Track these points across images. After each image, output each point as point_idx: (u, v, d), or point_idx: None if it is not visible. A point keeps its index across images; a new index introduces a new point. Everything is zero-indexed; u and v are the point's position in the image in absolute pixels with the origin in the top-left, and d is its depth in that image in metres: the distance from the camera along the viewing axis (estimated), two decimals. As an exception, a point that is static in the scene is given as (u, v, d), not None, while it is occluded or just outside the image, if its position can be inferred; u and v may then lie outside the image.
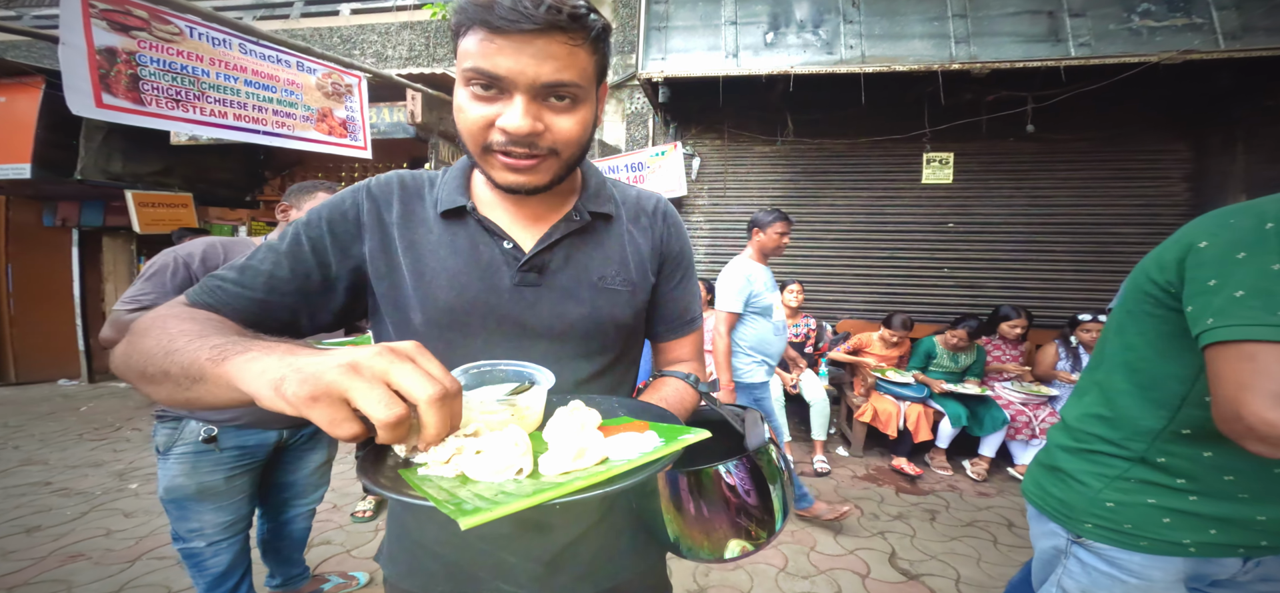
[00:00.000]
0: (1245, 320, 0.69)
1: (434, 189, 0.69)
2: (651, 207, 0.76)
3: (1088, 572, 0.92)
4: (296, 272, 0.63)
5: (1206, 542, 0.82)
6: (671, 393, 0.73)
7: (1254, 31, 2.48)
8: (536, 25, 0.51)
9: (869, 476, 3.34)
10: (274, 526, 1.78)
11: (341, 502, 2.84)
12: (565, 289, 0.66)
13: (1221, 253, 0.74)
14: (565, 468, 0.46)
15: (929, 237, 3.94)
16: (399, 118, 4.41)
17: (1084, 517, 0.91)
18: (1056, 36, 2.78)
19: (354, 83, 3.48)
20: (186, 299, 0.60)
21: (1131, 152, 3.53)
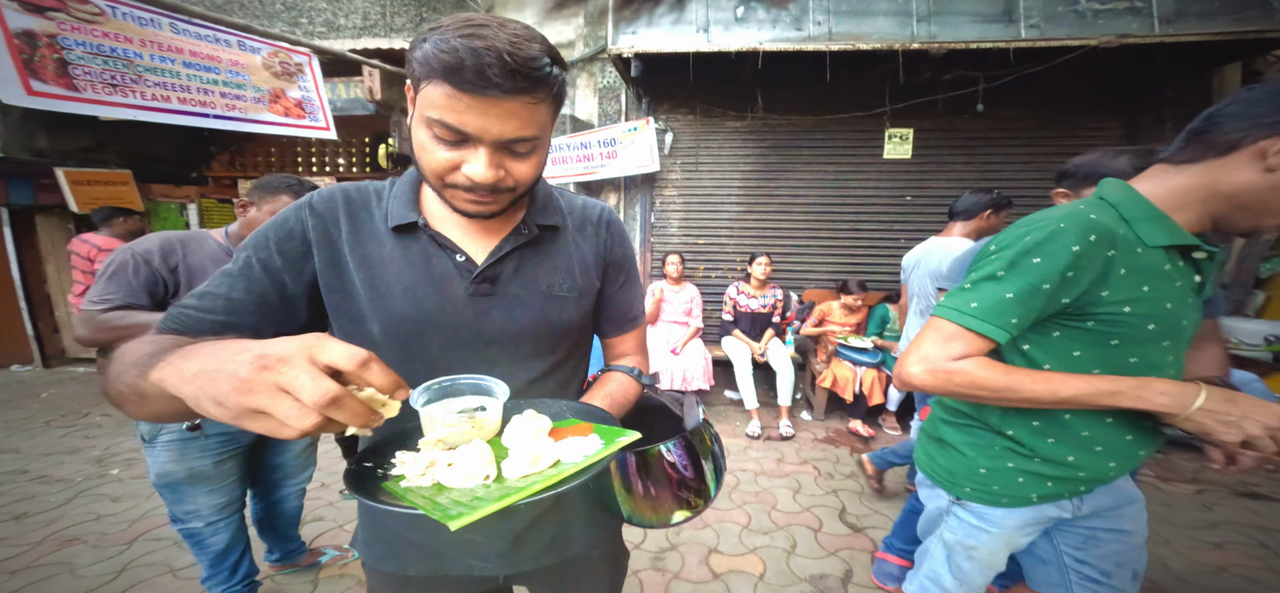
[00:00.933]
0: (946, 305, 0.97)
1: (382, 203, 0.71)
2: (597, 216, 0.82)
3: (963, 526, 1.12)
4: (252, 292, 0.65)
5: (1045, 493, 1.02)
6: (616, 387, 0.80)
7: (1187, 16, 2.67)
8: (502, 93, 0.54)
9: (828, 438, 3.58)
10: (267, 505, 1.84)
11: (330, 481, 2.89)
12: (516, 297, 0.71)
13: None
14: (525, 472, 0.53)
15: (889, 209, 4.12)
16: (357, 93, 4.22)
17: (964, 482, 1.10)
18: (1009, 17, 2.91)
19: (303, 61, 3.30)
20: (157, 328, 0.62)
21: (1072, 129, 3.77)
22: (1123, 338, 0.88)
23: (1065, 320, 0.91)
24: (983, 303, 0.91)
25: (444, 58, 0.53)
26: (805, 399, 4.20)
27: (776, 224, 4.32)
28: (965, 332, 0.92)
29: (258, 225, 1.47)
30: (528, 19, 4.35)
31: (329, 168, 5.16)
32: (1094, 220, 0.85)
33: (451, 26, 0.54)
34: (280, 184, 1.54)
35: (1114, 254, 0.85)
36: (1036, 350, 0.96)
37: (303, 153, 5.18)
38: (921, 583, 1.25)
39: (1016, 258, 0.89)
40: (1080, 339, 0.91)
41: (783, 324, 3.98)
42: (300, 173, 5.18)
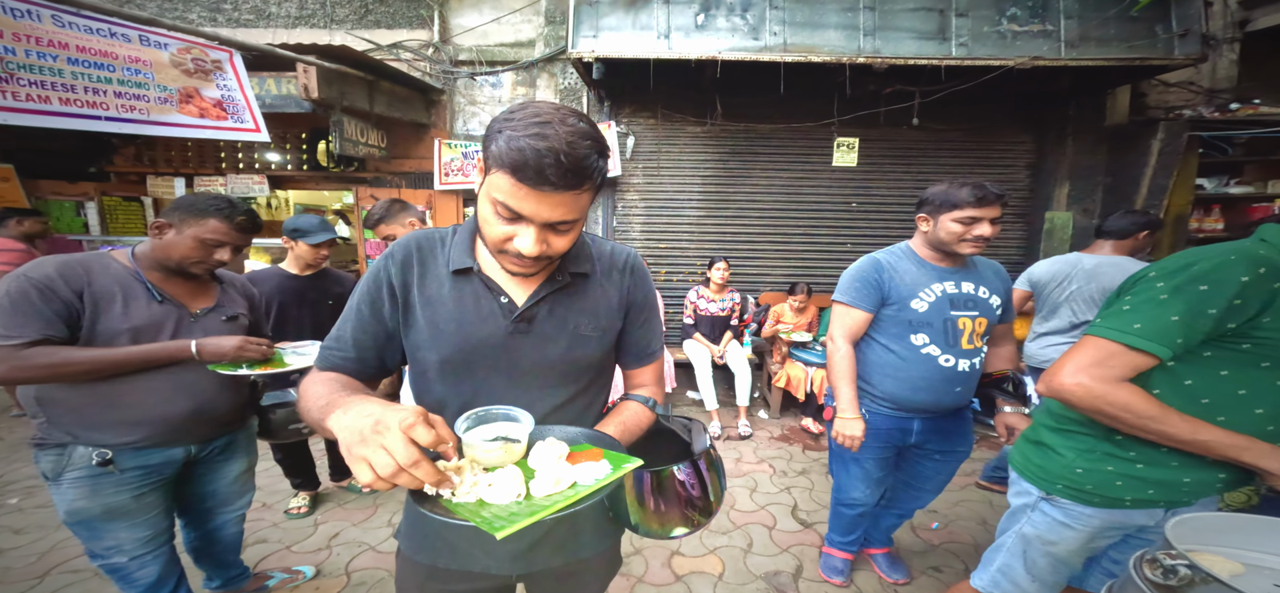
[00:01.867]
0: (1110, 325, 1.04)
1: (445, 249, 0.85)
2: (622, 262, 0.93)
3: (1047, 520, 1.18)
4: (366, 333, 0.83)
5: (1143, 498, 1.08)
6: (630, 416, 0.90)
7: (1088, 42, 3.06)
8: (555, 189, 0.65)
9: (783, 436, 3.71)
10: (201, 534, 1.68)
11: (271, 500, 2.64)
12: (548, 336, 0.84)
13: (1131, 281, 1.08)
14: (548, 491, 0.65)
15: (837, 214, 4.37)
16: (290, 90, 3.91)
17: (1057, 479, 1.16)
18: (943, 36, 3.19)
19: (223, 57, 3.04)
20: (318, 366, 0.84)
21: (991, 142, 4.18)
22: (1274, 361, 0.95)
23: (1223, 342, 0.97)
24: (1147, 324, 0.97)
25: (512, 155, 0.64)
26: (762, 398, 4.32)
27: (734, 229, 4.44)
28: (1126, 350, 0.99)
29: (176, 249, 1.36)
30: (485, 15, 4.25)
31: (258, 165, 4.74)
32: (1263, 255, 0.93)
33: (521, 123, 0.65)
34: (208, 208, 1.37)
35: (1279, 286, 0.92)
36: (1183, 367, 1.01)
37: (226, 150, 4.72)
38: (993, 576, 1.31)
39: (1184, 284, 0.95)
40: (1231, 360, 0.98)
41: (741, 327, 4.09)
42: (226, 170, 4.72)
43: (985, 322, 1.68)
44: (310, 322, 2.22)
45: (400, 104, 4.23)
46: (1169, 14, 2.95)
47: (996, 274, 1.76)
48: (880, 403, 1.78)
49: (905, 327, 1.68)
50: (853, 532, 2.10)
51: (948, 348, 1.65)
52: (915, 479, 1.96)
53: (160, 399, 1.35)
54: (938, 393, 1.68)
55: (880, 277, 1.70)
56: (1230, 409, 0.99)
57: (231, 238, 1.40)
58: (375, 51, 4.19)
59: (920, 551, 2.37)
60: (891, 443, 1.83)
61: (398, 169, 4.56)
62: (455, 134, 4.46)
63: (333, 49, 3.67)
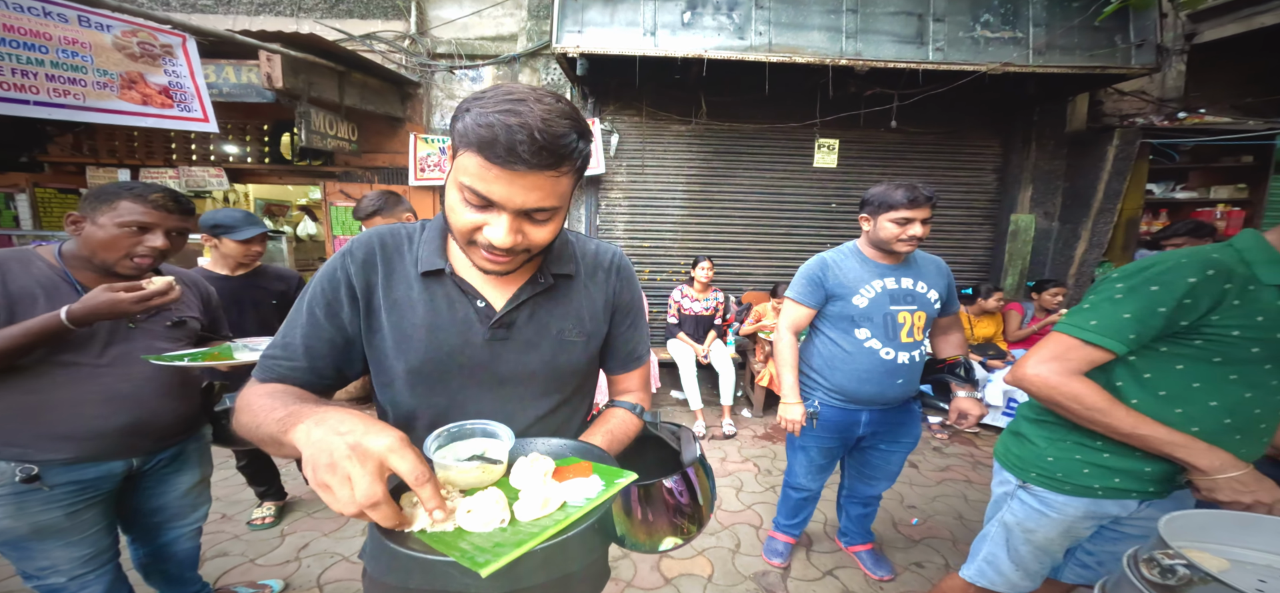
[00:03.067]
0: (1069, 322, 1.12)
1: (413, 247, 0.77)
2: (608, 262, 0.87)
3: (1025, 508, 1.24)
4: (322, 339, 0.73)
5: (1111, 487, 1.13)
6: (617, 424, 0.85)
7: (1054, 50, 3.22)
8: (528, 168, 0.59)
9: (767, 434, 3.73)
10: (151, 551, 1.53)
11: (232, 511, 2.44)
12: (529, 342, 0.77)
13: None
14: (536, 515, 0.59)
15: (817, 215, 4.44)
16: (251, 78, 3.70)
17: (1031, 468, 1.22)
18: (920, 40, 3.30)
19: (175, 42, 2.87)
20: (258, 378, 0.72)
21: (962, 145, 4.35)
22: (1225, 357, 1.01)
23: (1177, 339, 1.04)
24: (1102, 321, 1.05)
25: (480, 132, 0.57)
26: (745, 397, 4.33)
27: (718, 228, 4.45)
28: (1083, 345, 1.07)
29: (97, 242, 1.23)
30: (465, 8, 4.14)
31: (214, 158, 4.45)
32: (1214, 257, 1.00)
33: (492, 99, 0.59)
34: (117, 190, 1.25)
35: (1229, 286, 0.98)
36: (1142, 361, 1.08)
37: (178, 141, 4.41)
38: (979, 567, 1.36)
39: (1138, 284, 1.03)
40: (1185, 356, 1.04)
41: (724, 326, 4.10)
42: (177, 162, 4.40)
43: (924, 316, 1.78)
44: (254, 325, 2.05)
45: (373, 96, 4.06)
46: (1127, 25, 3.14)
47: (938, 270, 1.86)
48: (831, 395, 1.87)
49: (849, 322, 1.77)
50: (797, 516, 2.21)
51: (888, 342, 1.74)
52: (867, 469, 2.05)
53: (92, 412, 1.23)
54: (881, 385, 1.77)
55: (824, 275, 1.81)
56: (1187, 402, 1.05)
57: (154, 218, 1.26)
58: (347, 42, 4.01)
59: (903, 547, 2.41)
60: (840, 435, 1.92)
61: (370, 164, 4.37)
62: (432, 128, 4.31)
63: (300, 37, 3.49)
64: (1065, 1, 3.17)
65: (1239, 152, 3.86)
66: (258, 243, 2.12)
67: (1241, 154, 3.91)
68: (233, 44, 3.36)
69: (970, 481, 3.12)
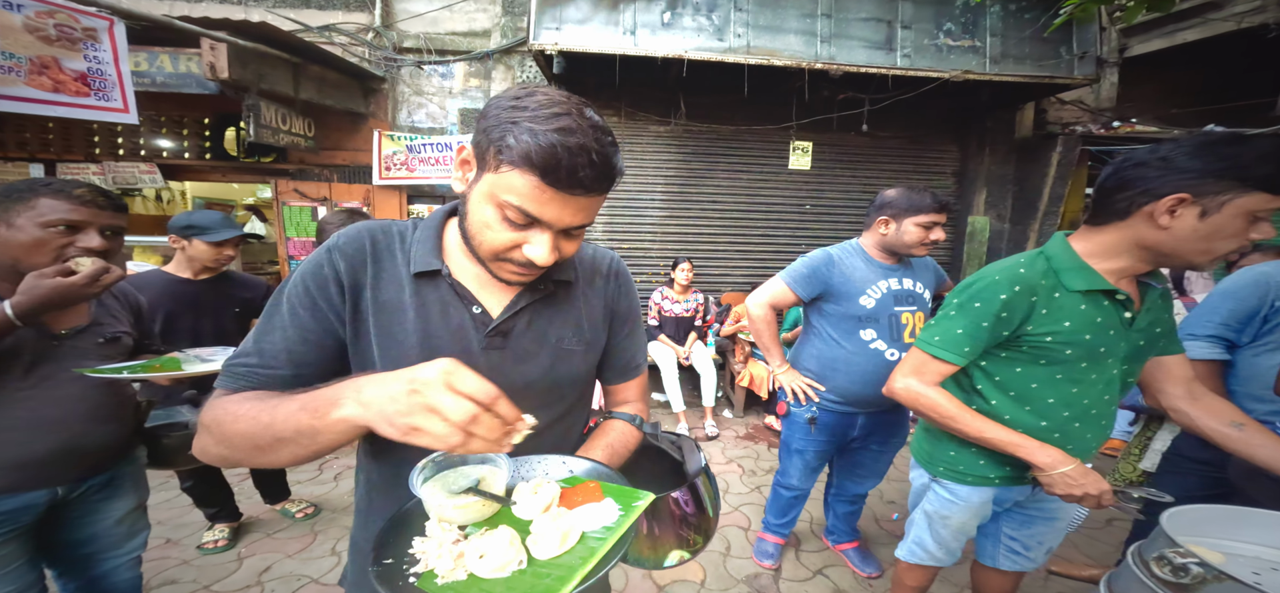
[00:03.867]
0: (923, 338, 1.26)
1: (405, 245, 0.72)
2: (605, 267, 0.84)
3: (939, 499, 1.37)
4: (308, 341, 0.66)
5: (1006, 476, 1.26)
6: (617, 437, 0.82)
7: (1007, 59, 3.44)
8: (586, 192, 0.58)
9: (748, 435, 3.73)
10: (82, 584, 1.37)
11: (177, 535, 2.21)
12: (527, 352, 0.73)
13: None
14: (554, 552, 0.54)
15: (792, 216, 4.54)
16: (191, 67, 3.41)
17: (938, 463, 1.34)
18: (890, 46, 3.45)
19: (100, 26, 2.66)
20: (227, 388, 0.63)
21: (924, 149, 4.58)
22: (1048, 359, 1.13)
23: (1007, 345, 1.18)
24: (942, 336, 1.20)
25: (542, 154, 0.55)
26: (726, 398, 4.32)
27: (697, 229, 4.46)
28: (931, 359, 1.22)
29: (18, 246, 1.10)
30: (434, 2, 3.98)
31: (145, 152, 4.03)
32: (1021, 273, 1.11)
33: (542, 116, 0.56)
34: (31, 188, 1.12)
35: (1036, 299, 1.10)
36: (991, 366, 1.22)
37: (103, 134, 3.98)
38: (910, 548, 1.50)
39: (964, 302, 1.17)
40: (1019, 359, 1.17)
41: (704, 327, 4.09)
42: (101, 156, 3.96)
43: (923, 317, 1.80)
44: (212, 333, 1.90)
45: (333, 90, 3.81)
46: (1071, 38, 3.41)
47: (931, 270, 1.90)
48: (828, 397, 1.85)
49: (854, 322, 1.76)
50: (787, 515, 2.20)
51: (892, 343, 1.75)
52: (857, 468, 2.07)
53: (15, 439, 1.12)
54: (883, 387, 1.76)
55: (829, 270, 1.79)
56: (1031, 400, 1.17)
57: (84, 215, 1.14)
58: (304, 33, 3.75)
59: (886, 542, 2.45)
60: (835, 438, 1.92)
61: (328, 161, 4.09)
62: (398, 125, 4.10)
63: (250, 26, 3.23)
64: (1018, 14, 3.41)
65: (1163, 158, 4.26)
66: (231, 246, 1.96)
67: (1165, 160, 4.31)
68: (171, 31, 3.07)
69: None
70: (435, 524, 0.57)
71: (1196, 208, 0.93)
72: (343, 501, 2.59)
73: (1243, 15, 3.26)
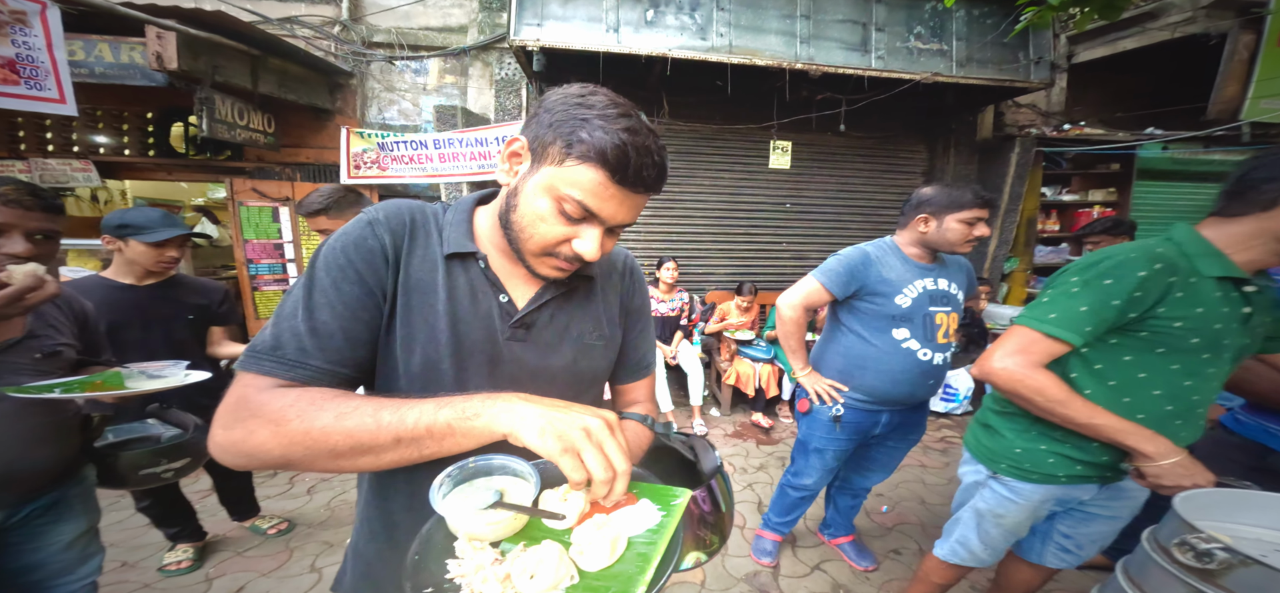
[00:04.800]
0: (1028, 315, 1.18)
1: (439, 225, 0.71)
2: (620, 264, 0.85)
3: (996, 496, 1.32)
4: (360, 320, 0.63)
5: (1074, 474, 1.22)
6: (632, 436, 0.80)
7: (972, 63, 3.62)
8: (646, 190, 0.61)
9: (737, 432, 3.74)
10: None
11: (134, 557, 2.05)
12: (549, 344, 0.74)
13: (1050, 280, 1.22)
14: (605, 563, 0.52)
15: (773, 215, 4.60)
16: (135, 57, 3.16)
17: (1002, 460, 1.29)
18: (865, 48, 3.57)
19: (31, 10, 2.48)
20: (281, 381, 0.58)
21: (895, 150, 4.75)
22: (1168, 347, 1.08)
23: (1126, 331, 1.11)
24: (1061, 314, 1.11)
25: (615, 151, 0.56)
26: (712, 397, 4.31)
27: (680, 228, 4.45)
28: (1043, 337, 1.13)
29: None
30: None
31: (79, 148, 3.68)
32: (1159, 252, 1.06)
33: (609, 114, 0.58)
34: None
35: (1174, 280, 1.05)
36: (1093, 353, 1.15)
37: (28, 127, 3.60)
38: (951, 547, 1.44)
39: (1091, 279, 1.10)
40: (1132, 347, 1.11)
41: (690, 326, 4.08)
42: (27, 152, 3.58)
43: (956, 317, 1.79)
44: (164, 344, 1.73)
45: (295, 85, 3.60)
46: (1028, 44, 3.63)
47: (964, 271, 1.89)
48: (854, 395, 1.81)
49: (888, 321, 1.72)
50: (792, 513, 2.18)
51: (926, 343, 1.72)
52: (868, 463, 2.05)
53: None
54: (914, 386, 1.75)
55: (866, 268, 1.73)
56: (1133, 391, 1.13)
57: (7, 216, 1.05)
58: (262, 25, 3.53)
59: (878, 535, 2.47)
60: (858, 436, 1.88)
61: (290, 159, 3.85)
62: (368, 122, 3.91)
63: (203, 14, 3.02)
64: (981, 18, 3.60)
65: (1109, 159, 4.59)
66: (174, 246, 1.77)
67: (1110, 162, 4.65)
68: (112, 17, 2.82)
69: (924, 466, 3.30)
70: (466, 544, 0.53)
71: None
72: (318, 514, 2.40)
73: (1176, 25, 3.56)
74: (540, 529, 0.56)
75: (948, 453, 3.51)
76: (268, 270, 3.89)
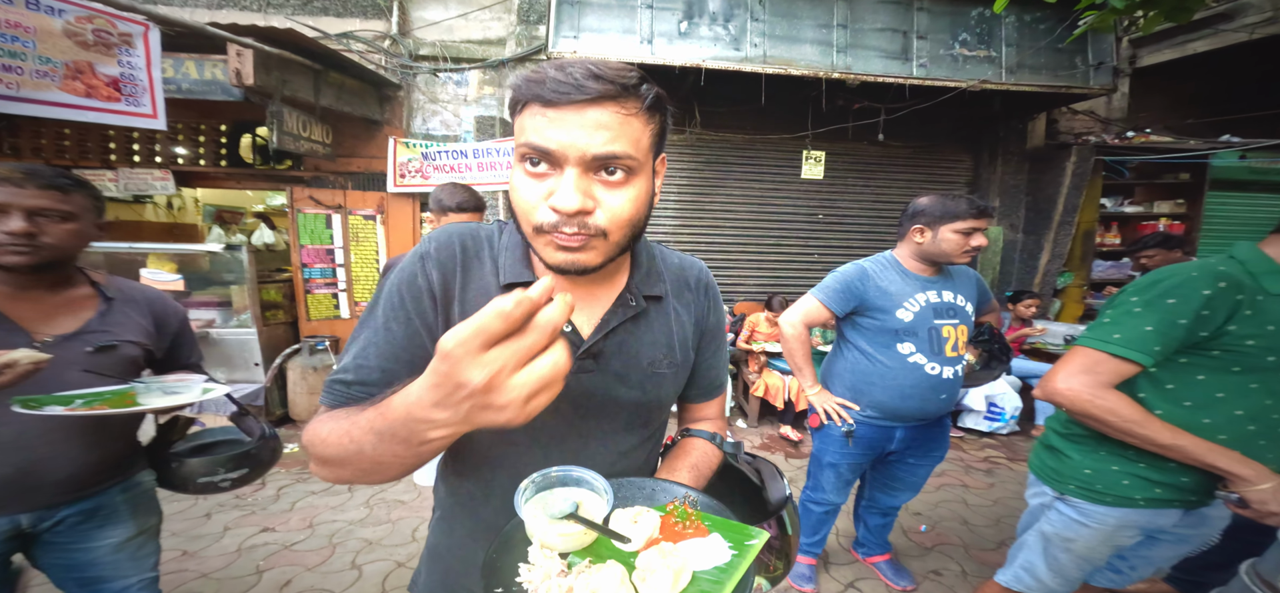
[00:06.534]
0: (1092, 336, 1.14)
1: (494, 251, 0.69)
2: (694, 280, 0.79)
3: (1063, 519, 1.25)
4: (400, 359, 0.63)
5: (1153, 497, 1.14)
6: (701, 458, 0.78)
7: (1023, 69, 3.46)
8: (588, 96, 0.53)
9: (764, 445, 3.69)
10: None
11: (195, 546, 2.21)
12: (618, 375, 0.69)
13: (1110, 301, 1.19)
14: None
15: (804, 225, 4.53)
16: (216, 74, 3.44)
17: (1069, 480, 1.23)
18: (906, 56, 3.47)
19: (136, 32, 2.70)
20: (326, 405, 0.62)
21: (937, 159, 4.58)
22: (1244, 366, 1.04)
23: (1197, 350, 1.07)
24: (1126, 334, 1.08)
25: (533, 80, 0.54)
26: (739, 407, 4.28)
27: (709, 238, 4.45)
28: (1110, 358, 1.09)
29: None
30: (451, 10, 4.02)
31: (160, 158, 4.04)
32: (1222, 271, 1.03)
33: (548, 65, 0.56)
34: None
35: (1241, 298, 1.02)
36: (1164, 373, 1.11)
37: (118, 140, 3.99)
38: (1016, 573, 1.36)
39: (1153, 299, 1.06)
40: (1206, 366, 1.07)
41: (719, 335, 4.06)
42: (116, 162, 3.96)
43: (965, 330, 1.74)
44: None
45: (350, 98, 3.83)
46: (1087, 48, 3.43)
47: (974, 283, 1.84)
48: (865, 411, 1.79)
49: (891, 336, 1.70)
50: (818, 532, 2.12)
51: (933, 357, 1.69)
52: (892, 481, 2.00)
53: None
54: (924, 401, 1.72)
55: (863, 284, 1.73)
56: (1212, 410, 1.08)
57: (3, 195, 1.02)
58: (323, 41, 3.78)
59: (916, 555, 2.39)
60: (871, 451, 1.86)
61: (343, 168, 4.09)
62: (413, 133, 4.10)
63: (277, 32, 3.26)
64: (1033, 23, 3.43)
65: (1178, 169, 4.27)
66: None
67: (1180, 172, 4.32)
68: (198, 36, 3.09)
69: (965, 485, 3.16)
70: (538, 551, 0.54)
71: None
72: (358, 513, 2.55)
73: (1255, 26, 3.28)
74: (607, 548, 0.56)
75: (993, 474, 3.36)
76: (319, 274, 4.14)
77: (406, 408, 0.44)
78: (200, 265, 3.78)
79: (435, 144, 3.96)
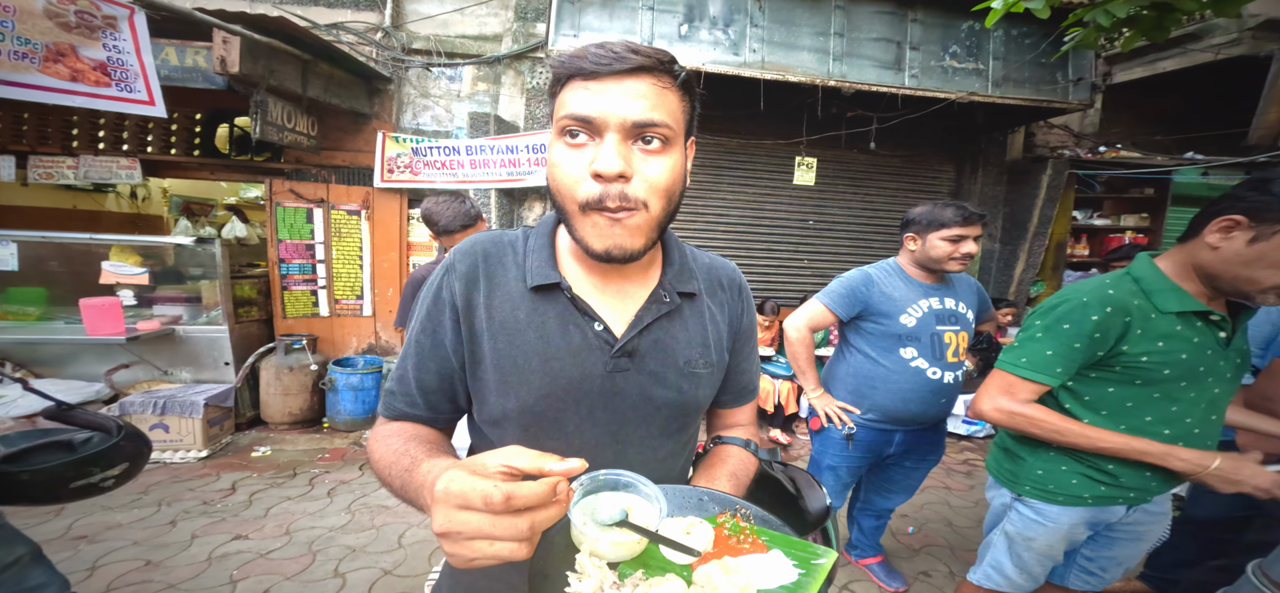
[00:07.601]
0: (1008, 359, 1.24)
1: (519, 256, 0.68)
2: (727, 280, 0.78)
3: (1022, 519, 1.32)
4: (433, 373, 0.67)
5: (1100, 495, 1.22)
6: (739, 466, 0.76)
7: (1008, 82, 3.59)
8: (627, 67, 0.55)
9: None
10: None
11: (159, 555, 2.10)
12: (654, 374, 0.67)
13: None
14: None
15: (795, 231, 4.58)
16: (198, 61, 3.29)
17: (1024, 482, 1.30)
18: (899, 66, 3.56)
19: (120, 14, 2.62)
20: (383, 415, 0.69)
21: (922, 169, 4.71)
22: (1144, 380, 1.12)
23: (1100, 366, 1.16)
24: (1031, 358, 1.19)
25: (574, 56, 0.57)
26: (733, 413, 4.26)
27: (703, 242, 4.44)
28: (1020, 381, 1.20)
29: None
30: (446, 4, 3.93)
31: (128, 147, 3.80)
32: (1111, 295, 1.11)
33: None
34: None
35: (1129, 320, 1.10)
36: (1080, 386, 1.20)
37: (82, 124, 3.74)
38: (986, 572, 1.42)
39: (1051, 324, 1.17)
40: (1111, 380, 1.16)
41: (712, 338, 4.06)
42: (78, 149, 3.70)
43: (966, 336, 1.80)
44: None
45: (338, 90, 3.69)
46: (1067, 63, 3.59)
47: (974, 291, 1.90)
48: (866, 415, 1.82)
49: (894, 341, 1.74)
50: None
51: (934, 361, 1.73)
52: (888, 484, 2.04)
53: None
54: (925, 404, 1.76)
55: (868, 289, 1.78)
56: (1125, 418, 1.16)
57: None
58: (313, 30, 3.64)
59: (906, 557, 2.43)
60: (871, 454, 1.89)
61: (327, 161, 3.94)
62: (402, 127, 3.99)
63: (267, 20, 3.12)
64: (1019, 38, 3.58)
65: (1144, 183, 4.51)
66: None
67: (1145, 186, 4.56)
68: (182, 22, 2.94)
69: (948, 487, 3.23)
70: (587, 559, 0.50)
71: (1249, 233, 0.96)
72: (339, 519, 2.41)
73: (1220, 46, 3.50)
74: (659, 559, 0.53)
75: (972, 476, 3.45)
76: (298, 270, 3.96)
77: (420, 484, 0.49)
78: (167, 259, 3.56)
79: (426, 140, 3.85)
